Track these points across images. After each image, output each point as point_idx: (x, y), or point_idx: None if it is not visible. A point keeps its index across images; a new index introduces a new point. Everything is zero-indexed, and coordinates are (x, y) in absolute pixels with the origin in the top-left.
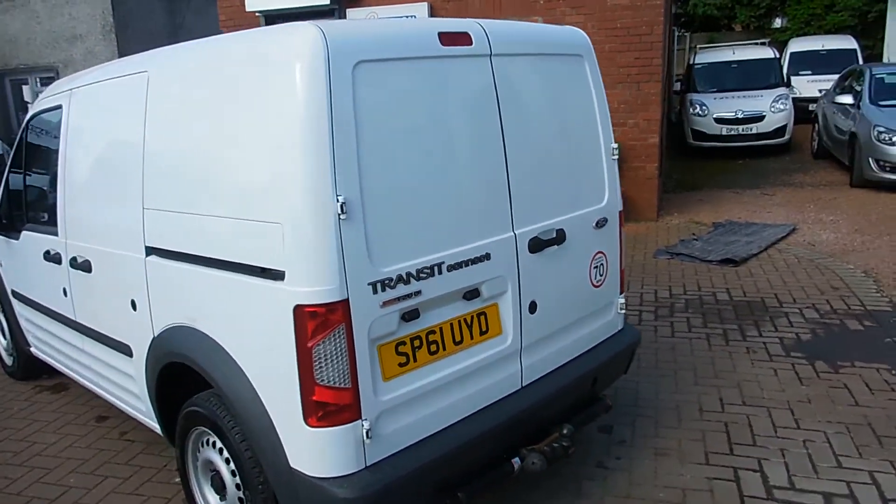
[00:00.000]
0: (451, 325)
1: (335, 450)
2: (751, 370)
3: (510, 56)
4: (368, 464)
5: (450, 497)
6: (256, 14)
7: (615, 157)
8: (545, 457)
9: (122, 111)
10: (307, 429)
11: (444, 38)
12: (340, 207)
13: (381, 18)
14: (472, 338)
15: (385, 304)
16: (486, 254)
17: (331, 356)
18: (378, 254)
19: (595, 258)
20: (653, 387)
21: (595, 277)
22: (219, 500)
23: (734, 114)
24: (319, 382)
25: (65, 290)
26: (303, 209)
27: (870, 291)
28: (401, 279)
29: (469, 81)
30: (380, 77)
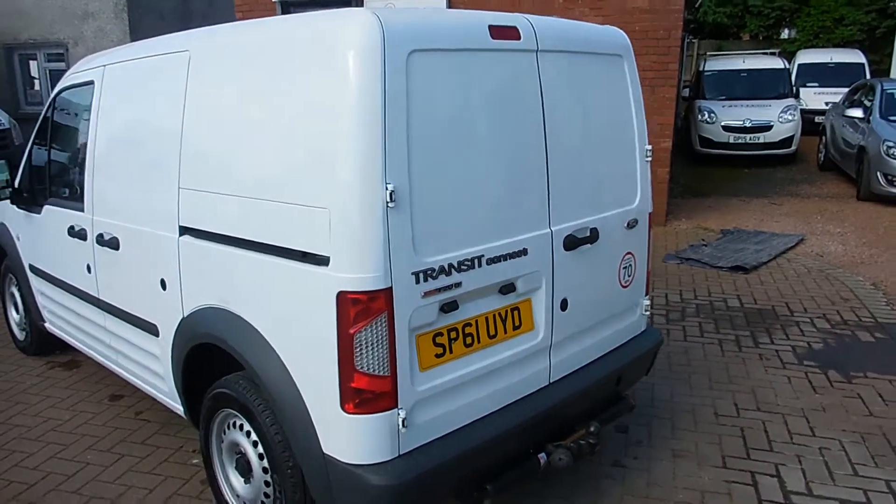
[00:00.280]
0: (487, 319)
1: (370, 437)
2: (764, 377)
3: (555, 52)
4: (402, 452)
5: (478, 489)
6: (273, 1)
7: (649, 159)
8: (572, 453)
9: (160, 90)
10: (344, 415)
11: (494, 32)
12: (389, 196)
13: (398, 8)
14: (506, 332)
15: (426, 295)
16: (524, 249)
17: (372, 344)
18: (422, 244)
19: (625, 259)
20: (667, 389)
21: (624, 278)
22: (243, 483)
23: (742, 122)
24: (359, 369)
25: (88, 267)
26: (352, 196)
27: (880, 304)
28: (443, 270)
29: (515, 76)
30: (432, 67)
